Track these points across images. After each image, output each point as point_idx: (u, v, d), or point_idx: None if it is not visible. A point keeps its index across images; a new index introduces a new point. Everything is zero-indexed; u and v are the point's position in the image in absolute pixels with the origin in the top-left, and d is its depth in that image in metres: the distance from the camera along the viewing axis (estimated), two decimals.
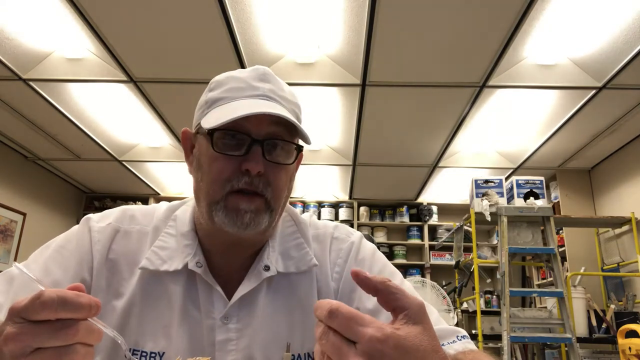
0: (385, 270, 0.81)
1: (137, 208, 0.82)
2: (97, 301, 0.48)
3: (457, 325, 2.40)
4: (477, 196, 3.48)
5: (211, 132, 0.69)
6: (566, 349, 3.12)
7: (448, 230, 5.52)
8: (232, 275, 0.76)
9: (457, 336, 0.70)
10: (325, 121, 3.88)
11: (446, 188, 5.51)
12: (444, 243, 5.32)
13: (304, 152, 0.77)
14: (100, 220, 0.78)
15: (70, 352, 0.46)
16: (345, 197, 5.92)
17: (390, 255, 5.72)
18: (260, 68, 0.75)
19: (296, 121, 0.70)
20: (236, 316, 0.73)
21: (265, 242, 0.78)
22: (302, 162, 0.80)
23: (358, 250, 0.82)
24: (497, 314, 3.60)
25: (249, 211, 0.69)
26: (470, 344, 0.69)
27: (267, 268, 0.75)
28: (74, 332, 0.46)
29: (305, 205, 5.90)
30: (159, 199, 5.93)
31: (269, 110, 0.67)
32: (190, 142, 0.78)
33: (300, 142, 0.75)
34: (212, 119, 0.69)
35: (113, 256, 0.75)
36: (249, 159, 0.68)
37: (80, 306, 0.46)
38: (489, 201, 3.39)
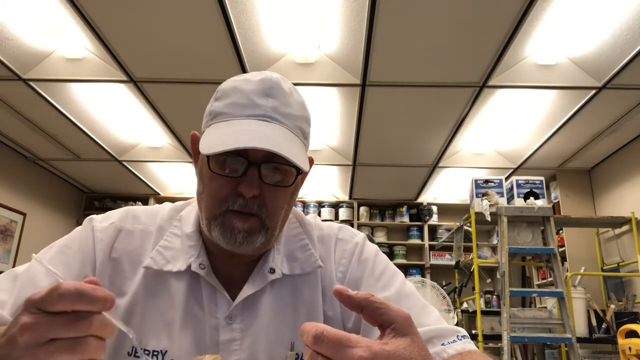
0: (387, 270, 0.81)
1: (140, 209, 0.83)
2: (112, 295, 0.49)
3: (457, 325, 2.40)
4: (477, 196, 3.48)
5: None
6: (566, 349, 3.12)
7: (448, 230, 5.52)
8: (236, 275, 0.77)
9: (458, 336, 0.70)
10: (325, 121, 3.88)
11: (446, 188, 5.51)
12: (444, 243, 5.32)
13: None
14: (103, 220, 0.79)
15: (83, 343, 0.47)
16: (345, 197, 5.92)
17: (390, 255, 5.73)
18: (267, 79, 0.72)
19: (287, 155, 0.66)
20: (240, 316, 0.74)
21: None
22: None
23: (362, 251, 0.82)
24: (497, 314, 3.60)
25: (242, 230, 0.70)
26: (470, 344, 0.69)
27: (272, 271, 0.76)
28: (89, 324, 0.47)
29: (305, 205, 5.89)
30: (159, 199, 5.93)
31: (260, 145, 0.65)
32: (197, 147, 0.78)
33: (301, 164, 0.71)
34: (208, 142, 0.69)
35: (116, 255, 0.76)
36: (244, 182, 0.69)
37: (96, 299, 0.47)
38: (489, 201, 3.39)
